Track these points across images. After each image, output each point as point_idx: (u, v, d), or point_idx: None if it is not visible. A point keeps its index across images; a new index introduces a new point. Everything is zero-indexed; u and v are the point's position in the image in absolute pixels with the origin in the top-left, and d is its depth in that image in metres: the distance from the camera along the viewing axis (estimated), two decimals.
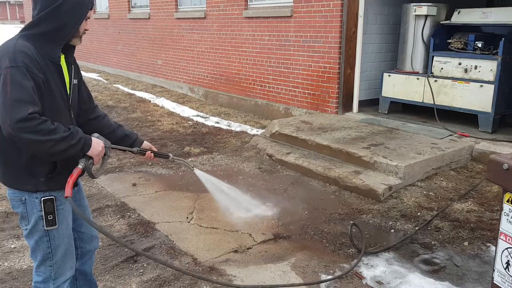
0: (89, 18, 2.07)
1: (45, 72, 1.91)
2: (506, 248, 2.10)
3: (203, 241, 3.58)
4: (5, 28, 31.38)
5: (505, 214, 2.09)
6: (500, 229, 2.12)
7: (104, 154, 2.12)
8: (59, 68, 2.01)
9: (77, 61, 2.25)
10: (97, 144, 2.03)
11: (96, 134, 2.11)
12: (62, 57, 2.04)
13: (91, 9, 2.06)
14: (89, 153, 2.00)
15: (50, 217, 2.05)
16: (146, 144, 2.51)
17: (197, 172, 3.02)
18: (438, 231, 3.69)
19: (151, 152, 2.48)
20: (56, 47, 1.96)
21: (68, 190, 1.93)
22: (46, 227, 2.06)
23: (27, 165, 1.99)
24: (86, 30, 2.09)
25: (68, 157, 1.98)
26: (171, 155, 2.60)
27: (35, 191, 2.03)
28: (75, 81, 2.16)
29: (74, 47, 2.11)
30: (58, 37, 1.95)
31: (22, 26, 1.99)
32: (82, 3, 1.99)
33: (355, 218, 3.98)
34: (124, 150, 2.35)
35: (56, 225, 2.08)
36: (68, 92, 2.10)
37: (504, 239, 2.11)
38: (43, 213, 2.04)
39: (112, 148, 2.20)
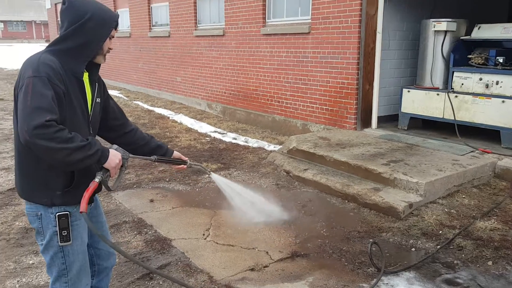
0: (113, 37, 2.12)
1: (66, 85, 1.95)
2: None
3: (219, 259, 3.54)
4: (31, 47, 32.34)
5: None
6: None
7: (121, 166, 2.11)
8: (81, 84, 2.06)
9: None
10: (115, 156, 2.02)
11: (115, 146, 2.11)
12: (86, 74, 2.09)
13: (115, 28, 2.11)
14: (106, 165, 1.99)
15: (64, 232, 2.06)
16: (176, 154, 2.60)
17: (214, 176, 3.04)
18: (460, 250, 3.58)
19: (171, 160, 2.54)
20: (80, 63, 2.02)
21: (83, 205, 1.92)
22: (60, 243, 2.06)
23: (44, 177, 2.01)
24: (110, 48, 2.14)
25: (85, 169, 1.99)
26: (188, 161, 2.64)
27: (50, 205, 2.04)
28: (97, 100, 2.19)
29: (98, 65, 2.16)
30: (83, 53, 2.01)
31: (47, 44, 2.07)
32: (106, 21, 2.05)
33: (375, 236, 3.90)
34: (143, 159, 2.36)
35: (70, 241, 2.08)
36: (89, 109, 2.13)
37: None
38: (57, 228, 2.05)
39: (131, 158, 2.19)
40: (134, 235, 3.97)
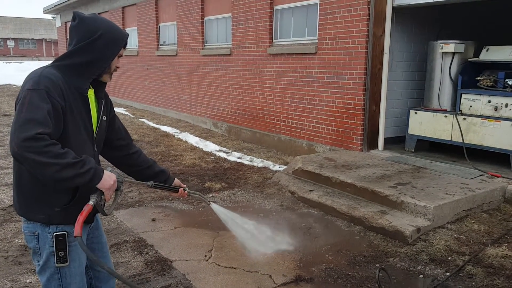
0: (121, 55, 2.09)
1: (69, 100, 1.90)
2: None
3: (221, 282, 3.44)
4: (41, 64, 32.79)
5: None
6: None
7: (117, 189, 2.02)
8: (85, 100, 2.01)
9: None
10: (109, 177, 1.92)
11: (109, 168, 2.02)
12: (91, 91, 2.05)
13: (124, 47, 2.08)
14: (99, 185, 1.88)
15: (61, 253, 1.98)
16: (176, 181, 2.53)
17: (214, 206, 2.94)
18: (471, 278, 3.45)
19: (168, 187, 2.44)
20: (84, 79, 1.98)
21: (77, 229, 1.82)
22: (57, 263, 1.99)
23: (42, 192, 1.94)
24: (117, 67, 2.11)
25: (83, 188, 1.91)
26: (187, 189, 2.53)
27: (48, 223, 1.97)
28: (104, 117, 2.15)
29: (104, 83, 2.12)
30: (88, 70, 1.97)
31: None
32: (116, 40, 2.02)
33: (382, 261, 3.78)
34: (139, 183, 2.28)
35: (67, 262, 2.01)
36: (94, 126, 2.08)
37: None
38: (54, 249, 1.98)
39: (126, 181, 2.11)
40: (135, 255, 3.88)
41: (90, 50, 1.95)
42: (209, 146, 8.37)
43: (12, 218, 4.72)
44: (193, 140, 8.91)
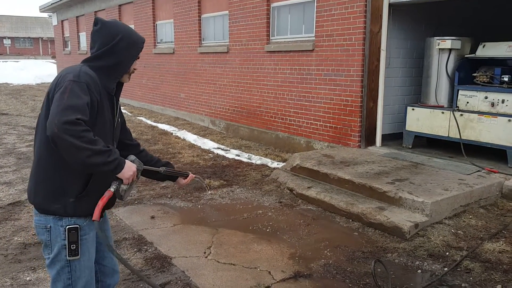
0: (138, 58, 2.23)
1: (101, 97, 2.04)
2: None
3: (220, 278, 3.45)
4: (38, 63, 32.64)
5: None
6: None
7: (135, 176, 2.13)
8: (112, 99, 2.17)
9: None
10: (129, 168, 2.03)
11: (132, 157, 2.14)
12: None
13: (141, 50, 2.22)
14: (120, 175, 2.00)
15: (73, 246, 2.05)
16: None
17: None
18: (468, 273, 3.48)
19: (178, 172, 2.55)
20: (112, 80, 2.13)
21: (96, 214, 1.95)
22: (69, 257, 2.05)
23: (60, 182, 2.02)
24: (135, 69, 2.26)
25: (99, 177, 2.03)
26: (189, 173, 2.64)
27: (62, 214, 2.03)
28: (119, 119, 2.29)
29: (122, 84, 2.25)
30: (115, 71, 2.13)
31: (54, 61, 2.11)
32: (135, 42, 2.17)
33: (380, 256, 3.80)
34: (153, 169, 2.38)
35: (78, 255, 2.07)
36: (115, 124, 2.21)
37: None
38: (66, 242, 2.04)
39: (144, 169, 2.22)
40: (134, 252, 3.89)
41: (114, 53, 2.09)
42: (207, 144, 8.38)
43: (11, 216, 4.73)
44: (191, 138, 8.92)
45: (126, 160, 2.03)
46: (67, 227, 2.04)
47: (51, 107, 1.88)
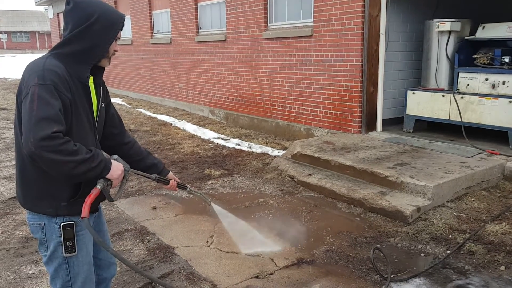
0: (119, 38, 2.03)
1: (73, 92, 1.87)
2: None
3: (223, 266, 3.45)
4: (35, 57, 32.41)
5: None
6: None
7: (123, 178, 2.04)
8: (87, 89, 1.98)
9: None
10: (117, 167, 1.95)
11: (115, 156, 2.04)
12: (91, 78, 2.01)
13: (121, 30, 2.02)
14: (108, 176, 1.92)
15: (69, 243, 1.98)
16: (170, 175, 2.49)
17: (215, 207, 2.93)
18: (471, 255, 3.48)
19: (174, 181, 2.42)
20: (85, 67, 1.93)
21: (85, 211, 1.85)
22: (65, 254, 1.99)
23: (49, 187, 1.93)
24: (115, 51, 2.05)
25: (88, 180, 1.91)
26: (188, 186, 2.53)
27: (55, 215, 1.97)
28: (102, 104, 2.12)
29: (103, 68, 2.08)
30: (88, 57, 1.92)
31: None
32: (113, 23, 1.96)
33: (382, 241, 3.80)
34: (143, 176, 2.27)
35: (75, 252, 2.01)
36: (95, 115, 2.06)
37: None
38: (62, 239, 1.97)
39: (131, 172, 2.13)
40: (137, 243, 3.89)
41: (87, 36, 1.89)
42: (207, 134, 8.35)
43: (13, 210, 4.72)
44: (190, 128, 8.89)
45: (112, 160, 1.95)
46: (62, 224, 1.97)
47: (23, 120, 1.75)
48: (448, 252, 3.53)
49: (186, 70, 10.83)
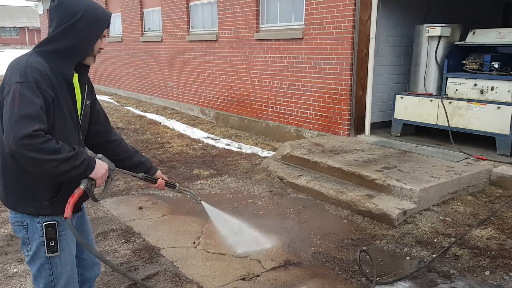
0: (104, 36, 2.02)
1: (56, 89, 1.84)
2: None
3: (210, 268, 3.43)
4: (23, 52, 32.03)
5: None
6: None
7: (108, 177, 2.01)
8: (71, 87, 1.95)
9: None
10: (101, 166, 1.93)
11: (100, 155, 2.02)
12: (76, 76, 1.98)
13: (107, 27, 2.00)
14: (92, 175, 1.89)
15: (52, 243, 1.96)
16: (159, 173, 2.45)
17: (205, 205, 2.90)
18: (457, 259, 3.50)
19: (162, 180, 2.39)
20: (69, 64, 1.91)
21: (67, 211, 1.83)
22: (48, 253, 1.97)
23: (31, 186, 1.91)
24: (101, 49, 2.03)
25: (72, 179, 1.89)
26: (177, 185, 2.49)
27: (37, 215, 1.94)
28: (87, 102, 2.10)
29: (88, 66, 2.05)
30: (72, 54, 1.90)
31: None
32: (98, 21, 1.94)
33: (369, 244, 3.81)
34: (129, 175, 2.24)
35: (58, 252, 1.99)
36: (79, 112, 2.03)
37: None
38: (44, 239, 1.95)
39: (116, 170, 2.10)
40: (122, 244, 3.85)
41: (72, 34, 1.87)
42: (197, 133, 8.32)
43: None
44: (180, 127, 8.84)
45: (96, 159, 1.93)
46: (44, 223, 1.94)
47: (4, 118, 1.73)
48: (434, 256, 3.55)
49: (177, 69, 10.78)
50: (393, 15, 6.82)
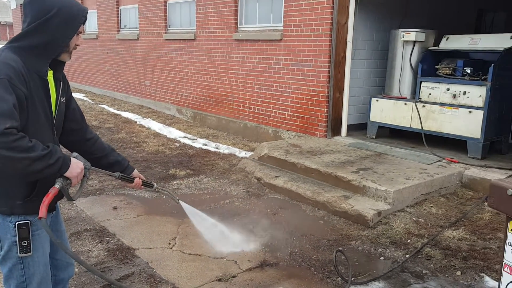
0: (80, 32, 1.97)
1: (29, 86, 1.80)
2: (511, 282, 1.96)
3: (186, 269, 3.40)
4: None
5: (509, 244, 1.94)
6: (504, 260, 1.98)
7: (83, 176, 1.97)
8: (45, 83, 1.90)
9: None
10: (76, 165, 1.89)
11: (75, 154, 1.98)
12: (50, 72, 1.93)
13: (83, 23, 1.96)
14: (67, 174, 1.85)
15: (24, 243, 1.91)
16: (135, 173, 2.41)
17: (183, 204, 2.88)
18: (429, 260, 3.58)
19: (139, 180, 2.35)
20: (44, 61, 1.86)
21: (42, 211, 1.79)
22: (20, 253, 1.92)
23: (4, 185, 1.86)
24: (77, 45, 1.99)
25: (46, 178, 1.84)
26: (155, 184, 2.46)
27: (10, 214, 1.89)
28: (62, 99, 2.05)
29: (63, 63, 2.01)
30: (47, 51, 1.86)
31: None
32: (74, 17, 1.90)
33: (344, 244, 3.85)
34: (106, 174, 2.20)
35: (31, 252, 1.94)
36: (53, 110, 1.98)
37: (509, 272, 1.97)
38: (17, 238, 1.90)
39: (93, 170, 2.06)
40: (96, 244, 3.78)
41: (47, 30, 1.82)
42: (173, 133, 8.25)
43: None
44: (156, 126, 8.75)
45: (71, 158, 1.89)
46: (17, 223, 1.89)
47: None
48: (407, 256, 3.62)
49: (153, 67, 10.66)
50: (369, 19, 6.92)
